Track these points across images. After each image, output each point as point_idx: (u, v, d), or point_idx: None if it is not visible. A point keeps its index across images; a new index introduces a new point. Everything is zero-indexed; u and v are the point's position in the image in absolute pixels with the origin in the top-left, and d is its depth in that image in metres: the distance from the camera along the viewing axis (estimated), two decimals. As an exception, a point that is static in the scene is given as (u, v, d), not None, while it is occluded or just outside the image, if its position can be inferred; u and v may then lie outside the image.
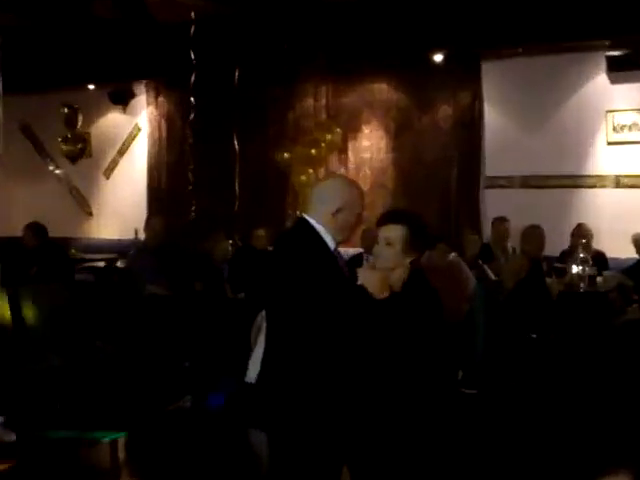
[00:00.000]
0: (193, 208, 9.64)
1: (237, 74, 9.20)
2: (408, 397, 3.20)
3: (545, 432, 5.40)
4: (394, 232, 3.24)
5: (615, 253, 7.74)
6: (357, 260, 6.75)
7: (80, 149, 11.10)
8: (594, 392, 5.95)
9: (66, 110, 10.81)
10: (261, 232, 8.33)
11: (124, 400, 5.80)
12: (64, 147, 10.96)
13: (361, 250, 7.19)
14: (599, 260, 7.29)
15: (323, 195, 3.25)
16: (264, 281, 3.25)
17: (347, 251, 7.46)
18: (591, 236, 7.54)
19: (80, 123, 10.94)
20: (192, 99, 9.28)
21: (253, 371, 4.98)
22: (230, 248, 7.94)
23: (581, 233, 7.46)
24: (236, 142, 9.46)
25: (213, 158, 10.22)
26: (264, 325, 3.59)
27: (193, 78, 9.14)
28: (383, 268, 3.23)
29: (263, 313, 4.30)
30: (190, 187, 9.65)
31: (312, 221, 3.20)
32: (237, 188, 9.54)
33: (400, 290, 3.19)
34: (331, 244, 3.20)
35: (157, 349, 6.71)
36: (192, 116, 9.40)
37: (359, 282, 3.10)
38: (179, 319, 6.82)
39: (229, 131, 9.65)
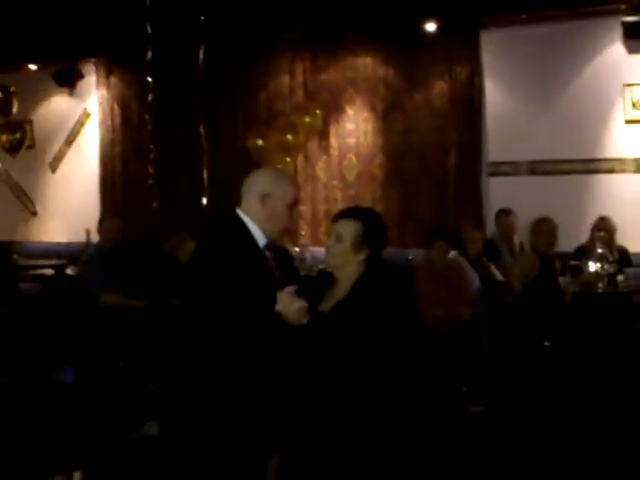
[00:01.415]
0: (154, 205, 9.55)
1: (201, 49, 9.10)
2: (385, 423, 3.27)
3: (560, 453, 5.36)
4: (345, 227, 3.41)
5: (638, 247, 7.79)
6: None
7: (18, 139, 11.01)
8: (615, 406, 5.94)
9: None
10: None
11: (79, 429, 5.73)
12: (1, 138, 10.89)
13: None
14: (620, 256, 7.29)
15: (249, 184, 3.50)
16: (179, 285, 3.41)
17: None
18: (614, 231, 7.51)
19: (16, 109, 10.83)
20: (149, 79, 9.19)
21: None
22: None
23: (603, 228, 7.36)
24: (201, 128, 9.36)
25: (175, 147, 10.25)
26: None
27: (150, 54, 9.07)
28: (333, 266, 3.42)
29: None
30: (150, 181, 9.54)
31: (241, 214, 3.43)
32: (205, 181, 9.40)
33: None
34: (261, 240, 3.41)
35: (115, 369, 6.67)
36: (150, 99, 9.30)
37: (277, 307, 3.19)
38: (141, 334, 6.78)
39: (193, 115, 9.56)
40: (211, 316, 3.22)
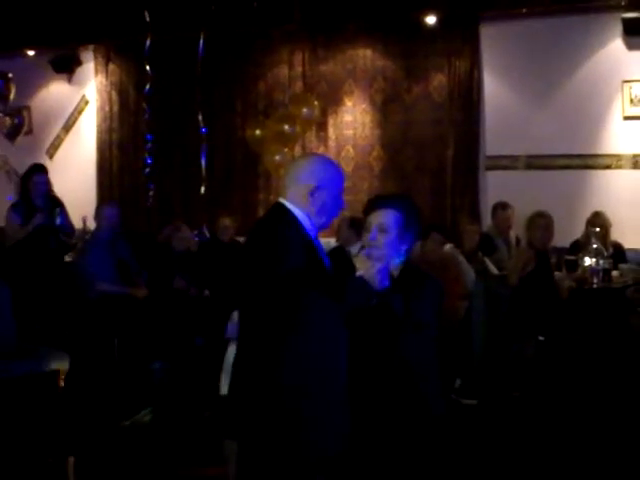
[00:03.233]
0: (151, 193, 9.52)
1: (200, 38, 9.07)
2: (402, 407, 3.27)
3: (554, 447, 5.36)
4: (388, 217, 3.33)
5: (633, 244, 7.82)
6: (338, 253, 6.77)
7: (15, 125, 10.97)
8: (609, 401, 5.94)
9: (-4, 80, 10.68)
10: (227, 222, 8.18)
11: (73, 416, 5.74)
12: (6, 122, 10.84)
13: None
14: (615, 252, 7.33)
15: (297, 175, 3.32)
16: (235, 276, 3.32)
17: (328, 242, 7.52)
18: (609, 226, 7.56)
19: (13, 95, 10.79)
20: (148, 67, 9.18)
21: (225, 381, 5.02)
22: (196, 239, 7.94)
23: (598, 223, 7.44)
24: (200, 117, 9.33)
25: (174, 136, 10.29)
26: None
27: (148, 42, 9.05)
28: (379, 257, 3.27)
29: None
30: (147, 169, 9.53)
31: (289, 205, 3.27)
32: (203, 170, 9.32)
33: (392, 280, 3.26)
34: (311, 231, 3.27)
35: (110, 356, 6.69)
36: (148, 87, 9.28)
37: (358, 273, 3.11)
38: (134, 320, 6.80)
39: (192, 104, 9.50)
40: (284, 305, 3.08)
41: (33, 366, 5.61)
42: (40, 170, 7.30)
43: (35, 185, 7.15)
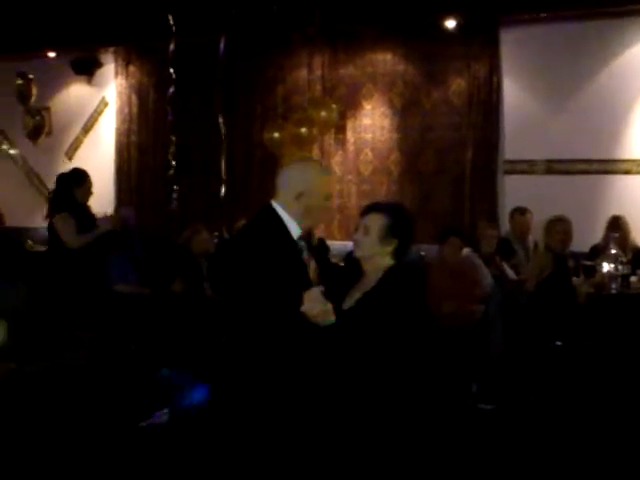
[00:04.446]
0: (174, 196, 9.58)
1: (221, 42, 9.12)
2: (394, 416, 3.30)
3: (571, 453, 5.34)
4: (372, 220, 3.50)
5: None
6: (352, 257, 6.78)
7: (35, 126, 11.07)
8: (626, 407, 5.94)
9: (19, 81, 10.77)
10: (243, 223, 8.15)
11: (91, 416, 5.77)
12: (21, 124, 10.96)
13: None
14: (634, 257, 7.32)
15: (285, 180, 3.55)
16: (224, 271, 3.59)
17: (345, 245, 7.47)
18: (629, 231, 7.56)
19: (34, 96, 10.89)
20: (172, 70, 9.21)
21: None
22: (215, 241, 7.96)
23: (617, 228, 7.46)
24: (221, 120, 9.40)
25: (193, 138, 10.36)
26: None
27: (172, 46, 9.10)
28: (361, 257, 3.49)
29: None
30: (171, 171, 9.55)
31: (277, 207, 3.49)
32: (223, 172, 9.41)
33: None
34: (295, 232, 3.47)
35: (127, 356, 6.71)
36: (172, 90, 9.30)
37: (302, 308, 3.21)
38: (152, 321, 6.82)
39: (212, 107, 9.62)
40: (242, 306, 3.35)
41: (51, 364, 5.65)
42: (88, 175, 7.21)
43: (88, 190, 7.09)
